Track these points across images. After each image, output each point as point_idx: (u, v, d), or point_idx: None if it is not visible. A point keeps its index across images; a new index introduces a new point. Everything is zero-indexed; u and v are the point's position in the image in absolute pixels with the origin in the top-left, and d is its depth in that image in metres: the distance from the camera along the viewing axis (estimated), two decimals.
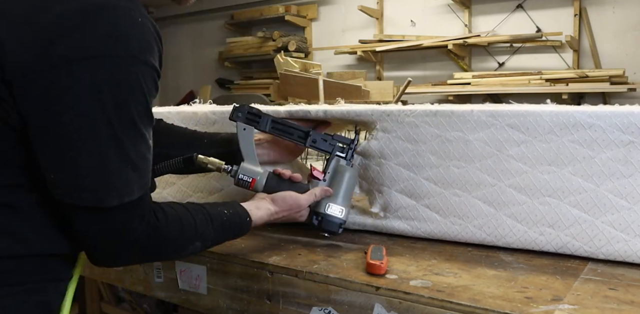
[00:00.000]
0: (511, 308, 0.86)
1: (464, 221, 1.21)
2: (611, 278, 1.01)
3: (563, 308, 0.87)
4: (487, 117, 1.16)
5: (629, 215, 1.06)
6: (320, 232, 1.24)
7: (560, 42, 4.65)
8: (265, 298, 1.12)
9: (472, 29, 5.15)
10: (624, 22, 4.49)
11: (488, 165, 1.17)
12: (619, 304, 0.88)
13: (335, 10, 6.00)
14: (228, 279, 1.18)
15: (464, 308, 0.89)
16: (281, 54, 5.27)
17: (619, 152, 1.06)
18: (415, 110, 1.24)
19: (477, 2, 5.11)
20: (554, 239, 1.13)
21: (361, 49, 5.49)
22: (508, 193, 1.16)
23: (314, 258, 1.15)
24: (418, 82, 5.02)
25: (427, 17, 5.40)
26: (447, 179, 1.22)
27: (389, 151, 1.28)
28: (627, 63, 4.43)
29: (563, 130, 1.10)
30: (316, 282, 1.05)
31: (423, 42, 5.06)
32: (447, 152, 1.21)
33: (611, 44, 4.55)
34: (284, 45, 5.82)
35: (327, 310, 1.03)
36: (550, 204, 1.12)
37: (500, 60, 5.03)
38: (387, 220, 1.31)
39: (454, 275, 1.03)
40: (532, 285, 0.97)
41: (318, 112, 1.35)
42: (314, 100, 4.01)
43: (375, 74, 5.68)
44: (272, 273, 1.11)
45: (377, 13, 5.66)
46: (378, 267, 1.03)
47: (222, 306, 1.19)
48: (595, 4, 4.59)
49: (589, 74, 4.35)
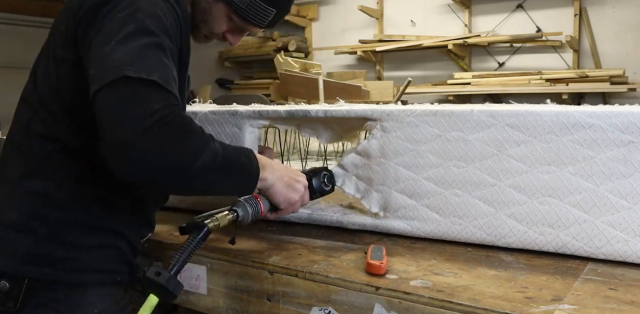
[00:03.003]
0: (511, 308, 0.86)
1: (464, 221, 1.21)
2: (611, 278, 1.01)
3: (563, 308, 0.87)
4: (487, 117, 1.16)
5: (629, 215, 1.06)
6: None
7: (560, 42, 4.65)
8: (265, 298, 1.12)
9: (472, 29, 5.15)
10: (624, 22, 4.49)
11: (488, 165, 1.17)
12: (619, 304, 0.88)
13: (335, 10, 6.00)
14: (228, 279, 1.18)
15: (464, 308, 0.89)
16: (281, 54, 5.27)
17: (619, 152, 1.06)
18: (415, 110, 1.25)
19: (477, 2, 5.12)
20: (554, 239, 1.13)
21: (361, 49, 5.49)
22: (508, 193, 1.16)
23: (314, 258, 1.15)
24: (418, 82, 5.02)
25: (427, 17, 5.40)
26: (447, 179, 1.22)
27: (389, 151, 1.28)
28: (627, 63, 4.43)
29: (563, 130, 1.10)
30: (316, 282, 1.05)
31: (423, 42, 5.06)
32: (447, 152, 1.21)
33: (611, 44, 4.55)
34: (284, 45, 5.82)
35: (327, 310, 1.03)
36: (550, 204, 1.12)
37: (500, 60, 5.03)
38: (387, 220, 1.31)
39: (454, 275, 1.03)
40: (532, 285, 0.97)
41: (318, 112, 1.35)
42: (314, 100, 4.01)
43: (375, 74, 5.69)
44: (272, 273, 1.11)
45: (377, 13, 5.66)
46: (378, 267, 1.03)
47: (222, 306, 1.19)
48: (595, 4, 4.59)
49: (589, 74, 4.35)
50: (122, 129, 0.88)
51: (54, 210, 1.03)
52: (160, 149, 0.89)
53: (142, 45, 0.93)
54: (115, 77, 0.89)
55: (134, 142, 0.87)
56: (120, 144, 0.88)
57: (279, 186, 1.15)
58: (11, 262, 1.02)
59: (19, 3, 6.86)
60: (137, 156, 0.88)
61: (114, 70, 0.89)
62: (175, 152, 0.91)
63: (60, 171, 1.05)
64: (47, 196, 1.04)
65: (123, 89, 0.89)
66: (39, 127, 1.06)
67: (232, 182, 1.06)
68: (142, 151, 0.88)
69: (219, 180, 1.02)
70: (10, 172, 1.08)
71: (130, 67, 0.90)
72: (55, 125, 1.06)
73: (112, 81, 0.89)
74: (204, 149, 0.95)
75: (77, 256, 1.04)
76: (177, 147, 0.91)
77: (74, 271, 1.04)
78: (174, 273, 0.99)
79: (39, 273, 1.01)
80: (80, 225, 1.05)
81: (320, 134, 1.46)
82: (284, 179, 1.16)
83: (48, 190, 1.04)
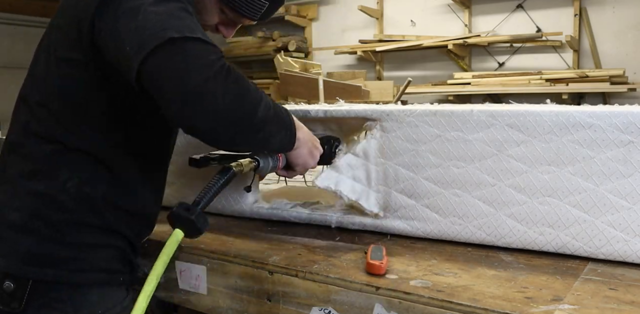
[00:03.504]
0: (511, 308, 0.86)
1: (464, 221, 1.21)
2: (611, 278, 1.01)
3: (563, 308, 0.87)
4: (487, 117, 1.17)
5: (629, 215, 1.06)
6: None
7: (560, 42, 4.66)
8: (265, 298, 1.12)
9: (472, 29, 5.15)
10: (624, 22, 4.49)
11: (488, 165, 1.17)
12: (619, 304, 0.88)
13: (335, 10, 6.00)
14: (228, 279, 1.18)
15: (464, 308, 0.89)
16: (281, 54, 5.27)
17: (618, 152, 1.06)
18: (415, 110, 1.25)
19: (477, 2, 5.12)
20: (554, 239, 1.13)
21: (361, 49, 5.49)
22: (508, 193, 1.16)
23: (314, 258, 1.15)
24: (418, 82, 5.02)
25: (427, 17, 5.40)
26: (447, 179, 1.22)
27: (389, 151, 1.28)
28: (627, 63, 4.43)
29: (563, 130, 1.10)
30: (316, 282, 1.05)
31: (423, 42, 5.06)
32: (447, 152, 1.21)
33: (611, 44, 4.55)
34: (284, 45, 5.82)
35: (327, 310, 1.03)
36: (550, 204, 1.12)
37: (500, 60, 5.04)
38: (387, 220, 1.31)
39: (454, 275, 1.03)
40: (532, 285, 0.97)
41: (318, 112, 1.35)
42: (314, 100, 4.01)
43: (375, 74, 5.69)
44: (272, 273, 1.11)
45: (377, 13, 5.66)
46: (378, 267, 1.03)
47: (222, 306, 1.19)
48: (595, 4, 4.59)
49: (589, 74, 4.35)
50: (189, 80, 0.87)
51: (56, 211, 1.03)
52: (229, 96, 0.89)
53: (173, 8, 0.92)
54: (160, 42, 0.87)
55: (205, 90, 0.87)
56: (191, 94, 0.87)
57: (304, 150, 1.17)
58: (14, 263, 1.01)
59: (19, 3, 6.86)
60: (211, 103, 0.88)
61: (155, 37, 0.88)
62: (243, 99, 0.92)
63: (62, 172, 1.05)
64: (50, 196, 1.03)
65: (174, 49, 0.88)
66: (37, 127, 1.06)
67: (281, 137, 1.07)
68: (214, 99, 0.88)
69: (273, 133, 1.04)
70: (10, 172, 1.08)
71: (171, 29, 0.88)
72: (54, 125, 1.05)
73: (157, 46, 0.87)
74: (261, 100, 0.97)
75: (80, 256, 1.04)
76: (242, 96, 0.92)
77: (77, 271, 1.04)
78: (201, 208, 1.00)
79: (41, 273, 1.01)
80: (83, 225, 1.05)
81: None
82: (309, 145, 1.18)
83: (50, 191, 1.04)
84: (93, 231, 1.06)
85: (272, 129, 1.03)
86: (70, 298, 1.03)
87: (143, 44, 0.88)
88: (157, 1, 0.93)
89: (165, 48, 0.87)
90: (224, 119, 0.91)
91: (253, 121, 0.95)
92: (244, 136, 0.99)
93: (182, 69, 0.88)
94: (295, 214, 1.43)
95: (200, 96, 0.88)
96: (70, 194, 1.04)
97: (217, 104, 0.89)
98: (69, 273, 1.03)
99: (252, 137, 1.00)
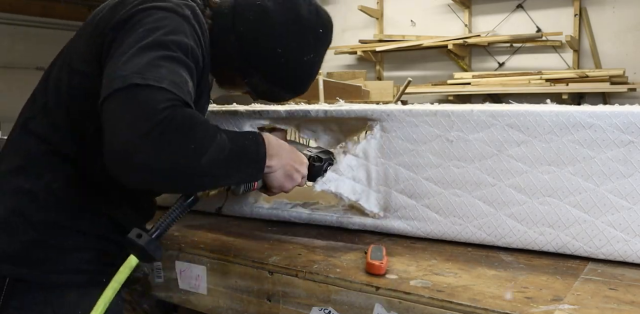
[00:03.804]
0: (511, 308, 0.86)
1: (464, 221, 1.21)
2: (611, 278, 1.01)
3: (563, 308, 0.87)
4: (487, 117, 1.16)
5: (629, 215, 1.06)
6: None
7: (560, 42, 4.66)
8: (265, 298, 1.12)
9: (472, 29, 5.15)
10: (624, 22, 4.49)
11: (488, 165, 1.17)
12: (619, 304, 0.88)
13: (335, 10, 6.00)
14: (228, 279, 1.18)
15: (464, 308, 0.89)
16: None
17: (619, 152, 1.06)
18: (415, 110, 1.25)
19: (477, 2, 5.12)
20: (554, 239, 1.13)
21: (361, 49, 5.49)
22: (508, 193, 1.16)
23: (314, 257, 1.15)
24: (418, 82, 5.02)
25: (427, 17, 5.41)
26: (447, 179, 1.22)
27: (389, 151, 1.28)
28: (627, 63, 4.44)
29: (563, 130, 1.10)
30: (316, 282, 1.05)
31: (423, 42, 5.06)
32: (447, 152, 1.21)
33: (611, 44, 4.55)
34: None
35: (327, 310, 1.03)
36: (550, 204, 1.12)
37: (500, 60, 5.04)
38: (387, 220, 1.31)
39: (454, 275, 1.03)
40: (532, 285, 0.97)
41: (318, 112, 1.35)
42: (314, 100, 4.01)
43: (375, 74, 5.69)
44: (272, 273, 1.11)
45: (377, 13, 5.66)
46: (378, 267, 1.03)
47: (222, 306, 1.19)
48: (595, 4, 4.59)
49: (589, 74, 4.35)
50: (123, 136, 0.86)
51: (37, 210, 1.03)
52: (163, 152, 0.87)
53: (156, 56, 0.93)
54: (120, 86, 0.88)
55: (136, 148, 0.85)
56: (121, 152, 0.86)
57: (279, 174, 1.15)
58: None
59: (19, 3, 6.86)
60: (141, 162, 0.86)
61: (122, 79, 0.89)
62: (179, 153, 0.89)
63: (49, 172, 1.05)
64: (33, 195, 1.04)
65: (127, 95, 0.88)
66: (37, 127, 1.07)
67: (239, 174, 1.04)
68: (146, 157, 0.86)
69: (226, 174, 1.00)
70: (1, 168, 1.09)
71: (139, 75, 0.89)
72: (54, 130, 1.06)
73: (118, 89, 0.88)
74: (210, 144, 0.93)
75: (55, 257, 1.04)
76: (180, 148, 0.89)
77: (52, 272, 1.03)
78: (155, 236, 0.99)
79: (14, 272, 1.01)
80: (64, 228, 1.05)
81: (320, 137, 1.46)
82: (286, 168, 1.15)
83: (34, 189, 1.04)
84: (73, 234, 1.06)
85: (224, 171, 0.99)
86: (45, 299, 1.03)
87: (112, 82, 0.90)
88: (149, 45, 0.95)
89: (122, 92, 0.88)
90: (156, 175, 0.89)
91: (195, 170, 0.92)
92: (185, 184, 0.97)
93: (122, 121, 0.87)
94: (295, 214, 1.43)
95: (128, 154, 0.86)
96: (52, 195, 1.04)
97: (148, 161, 0.86)
98: (42, 274, 1.03)
99: (198, 182, 0.97)
